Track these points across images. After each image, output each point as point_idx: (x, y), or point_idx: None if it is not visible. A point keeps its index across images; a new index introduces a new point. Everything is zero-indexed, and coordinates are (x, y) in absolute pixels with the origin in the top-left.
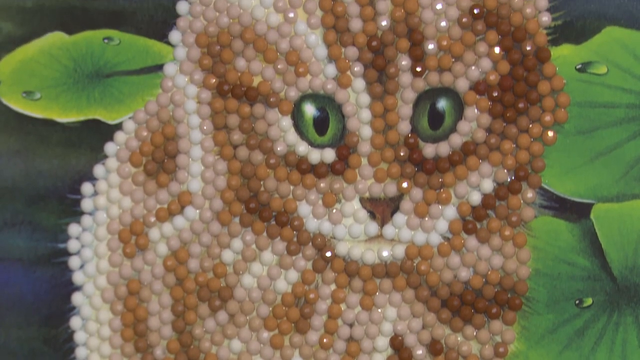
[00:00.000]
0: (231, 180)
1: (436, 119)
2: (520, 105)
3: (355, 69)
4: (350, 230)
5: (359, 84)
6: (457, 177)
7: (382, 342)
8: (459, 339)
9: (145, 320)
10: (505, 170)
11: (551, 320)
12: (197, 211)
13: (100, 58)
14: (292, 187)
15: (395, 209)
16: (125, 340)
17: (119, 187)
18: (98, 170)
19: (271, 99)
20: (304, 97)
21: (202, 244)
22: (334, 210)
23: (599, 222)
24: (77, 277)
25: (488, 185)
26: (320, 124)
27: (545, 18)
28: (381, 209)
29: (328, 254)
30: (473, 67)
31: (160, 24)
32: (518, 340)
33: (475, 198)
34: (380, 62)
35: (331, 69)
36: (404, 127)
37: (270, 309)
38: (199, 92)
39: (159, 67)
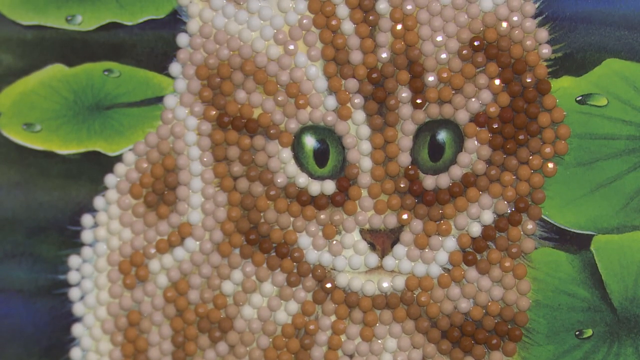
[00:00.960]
0: (231, 212)
1: (436, 150)
2: (521, 137)
3: (356, 101)
4: (351, 261)
5: (359, 116)
6: (457, 208)
7: None
8: None
9: (145, 351)
10: (506, 202)
11: (551, 351)
12: (197, 243)
13: (101, 90)
14: (292, 219)
15: (396, 240)
16: None
17: (119, 218)
18: (98, 201)
19: (271, 131)
20: (304, 129)
21: (202, 275)
22: (334, 242)
23: (599, 254)
24: (78, 309)
25: (488, 217)
26: (321, 156)
27: (546, 50)
28: (381, 241)
29: (328, 285)
30: (473, 99)
31: (160, 56)
32: None
33: (476, 229)
34: (380, 94)
35: (331, 101)
36: (404, 158)
37: (271, 340)
38: (199, 124)
39: (159, 99)
